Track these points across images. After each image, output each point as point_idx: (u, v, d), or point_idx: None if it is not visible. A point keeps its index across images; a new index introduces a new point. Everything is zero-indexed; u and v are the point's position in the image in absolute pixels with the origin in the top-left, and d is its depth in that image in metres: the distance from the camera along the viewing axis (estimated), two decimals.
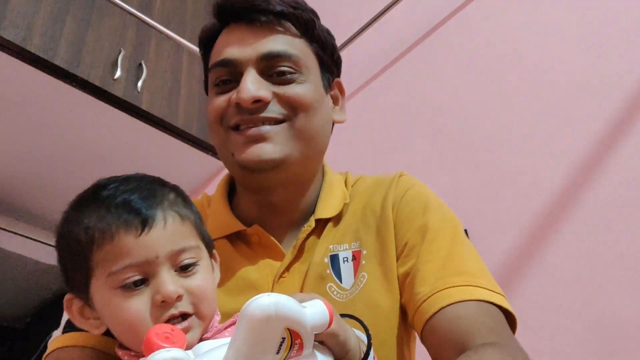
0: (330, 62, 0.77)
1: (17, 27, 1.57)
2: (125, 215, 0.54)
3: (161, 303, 0.52)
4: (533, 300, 1.18)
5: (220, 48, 0.72)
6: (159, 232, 0.55)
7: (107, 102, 1.76)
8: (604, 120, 1.24)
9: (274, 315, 0.39)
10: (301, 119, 0.69)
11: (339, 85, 0.81)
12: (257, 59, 0.69)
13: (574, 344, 1.10)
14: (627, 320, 1.06)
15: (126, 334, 0.55)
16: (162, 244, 0.54)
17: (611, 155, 1.20)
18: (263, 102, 0.68)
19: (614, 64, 1.27)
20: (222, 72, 0.71)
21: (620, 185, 1.16)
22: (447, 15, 1.69)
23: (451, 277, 0.63)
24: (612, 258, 1.12)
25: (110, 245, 0.54)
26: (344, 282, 0.69)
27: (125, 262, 0.53)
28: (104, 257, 0.54)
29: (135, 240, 0.53)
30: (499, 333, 0.59)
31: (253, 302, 0.40)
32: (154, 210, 0.55)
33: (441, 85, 1.61)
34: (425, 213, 0.71)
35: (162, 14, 2.05)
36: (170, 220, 0.56)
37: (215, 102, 0.71)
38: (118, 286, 0.53)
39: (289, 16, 0.72)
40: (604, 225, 1.15)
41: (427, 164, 1.52)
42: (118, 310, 0.53)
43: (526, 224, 1.26)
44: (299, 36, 0.73)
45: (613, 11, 1.32)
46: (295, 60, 0.71)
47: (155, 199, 0.57)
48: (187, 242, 0.57)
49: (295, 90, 0.70)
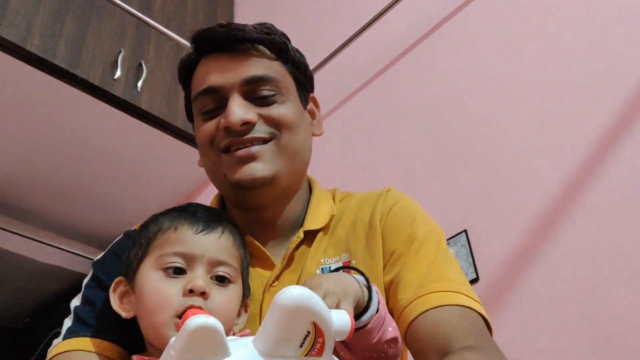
0: (304, 80, 0.82)
1: (17, 27, 1.57)
2: (193, 219, 0.65)
3: (188, 292, 0.59)
4: (533, 300, 1.18)
5: (203, 77, 0.77)
6: (214, 239, 0.64)
7: (107, 102, 1.76)
8: (604, 120, 1.24)
9: (305, 305, 0.42)
10: (285, 137, 0.74)
11: (314, 100, 0.86)
12: (240, 84, 0.74)
13: (574, 344, 1.10)
14: (628, 320, 1.06)
15: (150, 314, 0.61)
16: (212, 248, 0.63)
17: (611, 155, 1.20)
18: (250, 123, 0.72)
19: (614, 64, 1.27)
20: (207, 101, 0.76)
21: (621, 185, 1.16)
22: (447, 16, 1.69)
23: (432, 283, 0.67)
24: (612, 258, 1.12)
25: (173, 233, 0.64)
26: None
27: (177, 248, 0.62)
28: (163, 242, 0.63)
29: (193, 235, 0.63)
30: (477, 336, 0.62)
31: (285, 291, 0.42)
32: (215, 223, 0.66)
33: (441, 85, 1.61)
34: (413, 224, 0.75)
35: (162, 14, 2.06)
36: (226, 236, 0.66)
37: (204, 128, 0.75)
38: (162, 267, 0.62)
39: (264, 42, 0.77)
40: (604, 225, 1.15)
41: (427, 164, 1.52)
42: (153, 289, 0.61)
43: (526, 224, 1.26)
44: (274, 59, 0.78)
45: (613, 11, 1.32)
46: (275, 82, 0.76)
47: (219, 219, 0.68)
48: (230, 260, 0.65)
49: (278, 111, 0.74)
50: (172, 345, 0.41)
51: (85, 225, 2.31)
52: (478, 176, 1.40)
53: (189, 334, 0.40)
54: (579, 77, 1.32)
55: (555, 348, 1.12)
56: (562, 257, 1.18)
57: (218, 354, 0.42)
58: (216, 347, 0.42)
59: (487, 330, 0.66)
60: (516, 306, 1.20)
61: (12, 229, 2.09)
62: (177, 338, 0.41)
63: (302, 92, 0.81)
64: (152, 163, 2.06)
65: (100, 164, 2.01)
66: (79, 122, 1.84)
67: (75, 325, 0.67)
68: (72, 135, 1.89)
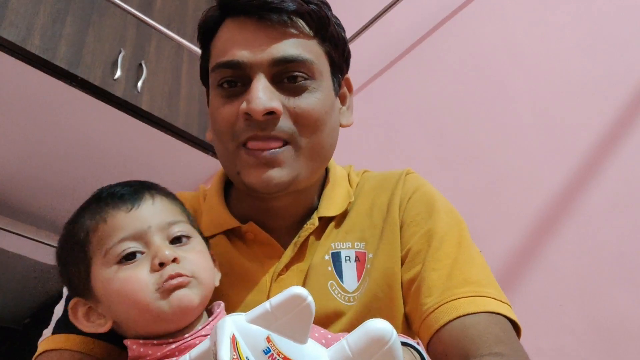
0: (341, 60, 0.73)
1: (17, 27, 1.57)
2: (114, 200, 0.59)
3: (159, 266, 0.55)
4: (534, 300, 1.18)
5: (226, 45, 0.66)
6: (149, 207, 0.59)
7: (107, 102, 1.76)
8: (604, 120, 1.24)
9: (391, 342, 0.39)
10: (309, 137, 0.66)
11: (347, 82, 0.77)
12: (268, 63, 0.64)
13: (575, 344, 1.10)
14: (628, 319, 1.06)
15: (131, 309, 0.56)
16: (153, 216, 0.59)
17: (612, 155, 1.20)
18: (275, 114, 0.63)
19: (614, 64, 1.27)
20: (228, 74, 0.66)
21: (621, 184, 1.16)
22: (447, 16, 1.69)
23: (458, 288, 0.63)
24: (613, 257, 1.12)
25: (104, 226, 0.58)
26: (345, 282, 0.68)
27: (119, 235, 0.57)
28: (100, 240, 0.57)
29: (126, 214, 0.58)
30: (506, 343, 0.58)
31: (381, 321, 0.40)
32: (140, 194, 0.60)
33: (441, 85, 1.61)
34: (432, 217, 0.70)
35: (163, 14, 2.05)
36: (159, 200, 0.61)
37: (223, 113, 0.66)
38: (115, 261, 0.56)
39: (302, 15, 0.66)
40: (605, 224, 1.15)
41: (427, 163, 1.52)
42: (120, 285, 0.55)
43: (526, 224, 1.26)
44: (311, 36, 0.67)
45: (613, 11, 1.32)
46: (309, 65, 0.65)
47: (143, 189, 0.62)
48: (177, 217, 0.61)
49: (306, 103, 0.65)
50: (269, 300, 0.41)
51: None
52: (478, 176, 1.40)
53: (288, 296, 0.40)
54: (579, 76, 1.32)
55: (555, 348, 1.11)
56: (563, 257, 1.18)
57: (298, 335, 0.41)
58: (300, 326, 0.40)
59: (516, 334, 0.62)
60: (516, 306, 1.19)
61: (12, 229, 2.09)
62: (277, 296, 0.40)
63: (336, 75, 0.72)
64: (152, 163, 2.06)
65: (101, 164, 2.00)
66: (79, 122, 1.84)
67: (64, 317, 0.65)
68: (72, 135, 1.89)
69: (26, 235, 2.13)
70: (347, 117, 0.76)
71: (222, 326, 0.40)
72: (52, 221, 2.25)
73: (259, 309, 0.41)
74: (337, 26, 0.72)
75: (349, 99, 0.78)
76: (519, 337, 0.63)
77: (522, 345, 0.61)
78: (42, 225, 2.23)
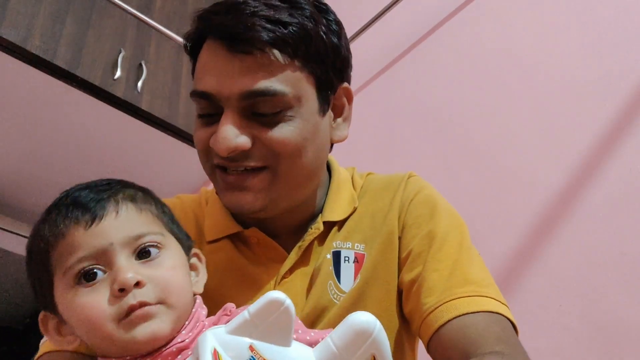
0: (330, 75, 0.68)
1: (17, 27, 1.57)
2: (74, 212, 0.53)
3: (119, 292, 0.50)
4: (533, 300, 1.18)
5: (201, 72, 0.65)
6: (111, 221, 0.53)
7: (107, 103, 1.76)
8: (604, 120, 1.24)
9: (375, 333, 0.40)
10: (286, 165, 0.64)
11: (346, 92, 0.73)
12: (237, 97, 0.61)
13: (574, 344, 1.10)
14: (628, 320, 1.05)
15: (91, 335, 0.52)
16: (115, 231, 0.52)
17: (611, 155, 1.20)
18: (242, 150, 0.62)
19: (614, 64, 1.27)
20: (203, 104, 0.65)
21: (621, 184, 1.16)
22: (447, 16, 1.69)
23: (458, 288, 0.63)
24: (612, 258, 1.12)
25: (63, 242, 0.52)
26: (342, 282, 0.69)
27: (78, 255, 0.51)
28: (59, 257, 0.52)
29: (85, 232, 0.52)
30: (506, 342, 0.58)
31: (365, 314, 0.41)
32: (103, 203, 0.54)
33: (441, 85, 1.61)
34: (433, 219, 0.70)
35: (163, 14, 2.05)
36: (124, 210, 0.54)
37: (197, 137, 0.67)
38: (75, 283, 0.51)
39: (276, 44, 0.62)
40: (605, 224, 1.15)
41: (427, 163, 1.52)
42: (79, 309, 0.51)
43: (526, 224, 1.26)
44: (289, 63, 0.63)
45: (613, 11, 1.32)
46: (281, 97, 0.62)
47: (107, 192, 0.55)
48: (145, 228, 0.54)
49: (280, 134, 0.62)
50: (248, 309, 0.41)
51: None
52: (478, 176, 1.40)
53: (265, 303, 0.40)
54: (579, 76, 1.32)
55: (554, 348, 1.11)
56: (562, 258, 1.18)
57: (281, 339, 0.41)
58: (282, 330, 0.41)
59: (515, 334, 0.63)
60: (515, 306, 1.19)
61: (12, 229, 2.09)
62: (255, 303, 0.40)
63: (323, 92, 0.67)
64: (152, 163, 2.06)
65: (101, 164, 2.01)
66: (79, 123, 1.84)
67: None
68: (72, 136, 1.89)
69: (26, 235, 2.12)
70: (342, 131, 0.73)
71: (203, 341, 0.39)
72: None
73: (238, 318, 0.41)
74: (326, 36, 0.66)
75: (346, 110, 0.73)
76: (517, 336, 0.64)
77: (521, 344, 0.61)
78: None
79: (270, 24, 0.62)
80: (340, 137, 0.72)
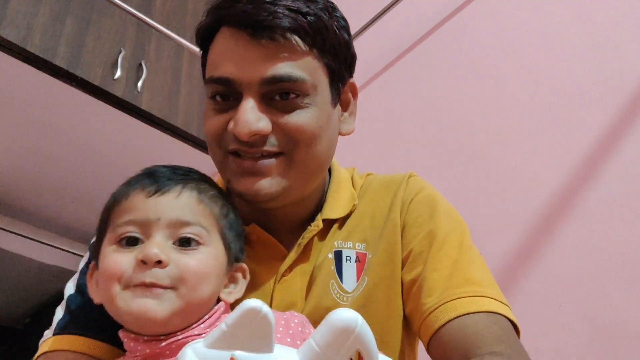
0: (342, 68, 0.70)
1: (17, 27, 1.57)
2: (145, 181, 0.58)
3: (140, 263, 0.52)
4: (533, 300, 1.18)
5: (219, 59, 0.66)
6: (169, 200, 0.56)
7: (107, 102, 1.76)
8: (604, 120, 1.24)
9: (357, 330, 0.39)
10: (302, 151, 0.65)
11: (352, 87, 0.74)
12: (258, 82, 0.63)
13: (575, 344, 1.10)
14: (628, 320, 1.06)
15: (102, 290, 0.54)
16: (168, 209, 0.55)
17: (611, 155, 1.20)
18: (262, 135, 0.63)
19: (614, 64, 1.27)
20: (219, 89, 0.65)
21: (621, 184, 1.16)
22: (447, 16, 1.69)
23: (458, 288, 0.63)
24: (612, 258, 1.12)
25: (125, 202, 0.57)
26: (344, 282, 0.69)
27: (129, 216, 0.55)
28: (117, 214, 0.57)
29: (145, 199, 0.56)
30: (506, 342, 0.58)
31: (346, 311, 0.40)
32: (172, 182, 0.58)
33: (440, 85, 1.61)
34: (433, 218, 0.70)
35: (162, 14, 2.05)
36: (186, 195, 0.57)
37: (211, 123, 0.66)
38: (116, 240, 0.55)
39: (297, 31, 0.63)
40: (605, 224, 1.15)
41: (426, 164, 1.52)
42: (106, 263, 0.54)
43: (526, 224, 1.26)
44: (307, 51, 0.65)
45: (613, 11, 1.32)
46: (301, 84, 0.63)
47: (182, 176, 0.59)
48: (196, 219, 0.56)
49: (298, 120, 0.64)
50: (225, 320, 0.41)
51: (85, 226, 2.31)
52: (478, 176, 1.40)
53: (242, 312, 0.39)
54: (579, 77, 1.32)
55: (555, 348, 1.11)
56: (562, 257, 1.18)
57: (262, 347, 0.41)
58: (262, 338, 0.40)
59: (516, 335, 0.62)
60: (516, 306, 1.19)
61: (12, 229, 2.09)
62: (231, 314, 0.40)
63: (335, 84, 0.69)
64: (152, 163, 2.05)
65: (101, 164, 2.01)
66: (79, 122, 1.84)
67: (65, 319, 0.65)
68: (72, 135, 1.89)
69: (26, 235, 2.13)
70: (349, 124, 0.74)
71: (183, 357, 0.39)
72: (52, 221, 2.25)
73: (216, 331, 0.41)
74: (339, 31, 0.69)
75: (352, 105, 0.75)
76: (519, 337, 0.64)
77: (522, 345, 0.61)
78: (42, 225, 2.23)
79: (291, 12, 0.63)
80: (347, 130, 0.74)
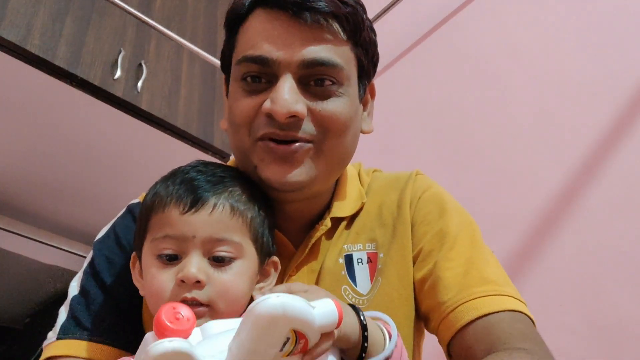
0: (369, 66, 0.71)
1: (17, 27, 1.57)
2: (182, 191, 0.59)
3: (180, 282, 0.55)
4: (534, 300, 1.18)
5: (256, 38, 0.63)
6: (204, 216, 0.57)
7: (107, 102, 1.76)
8: (604, 120, 1.24)
9: (281, 317, 0.40)
10: (332, 141, 0.64)
11: (371, 88, 0.75)
12: (298, 64, 0.62)
13: (575, 344, 1.10)
14: (629, 319, 1.05)
15: (151, 303, 0.59)
16: (203, 227, 0.57)
17: (612, 155, 1.20)
18: (298, 117, 0.61)
19: (614, 64, 1.27)
20: (254, 68, 0.63)
21: (621, 184, 1.16)
22: (447, 16, 1.69)
23: (476, 287, 0.63)
24: (613, 257, 1.12)
25: (161, 213, 0.59)
26: (359, 285, 0.68)
27: (165, 231, 0.58)
28: (154, 224, 0.59)
29: (179, 215, 0.57)
30: (531, 339, 0.59)
31: (262, 301, 0.40)
32: (208, 194, 0.59)
33: (441, 85, 1.61)
34: (443, 217, 0.70)
35: (162, 14, 2.05)
36: (220, 210, 0.58)
37: (242, 104, 0.64)
38: (156, 254, 0.58)
39: (338, 17, 0.63)
40: (605, 224, 1.15)
41: (427, 163, 1.52)
42: (150, 278, 0.58)
43: (526, 224, 1.26)
44: (344, 41, 0.65)
45: (613, 11, 1.32)
46: (339, 71, 0.63)
47: (218, 185, 0.60)
48: (229, 235, 0.58)
49: (332, 107, 0.63)
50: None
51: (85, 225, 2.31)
52: (478, 176, 1.40)
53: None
54: (579, 76, 1.32)
55: (555, 348, 1.11)
56: (562, 257, 1.18)
57: None
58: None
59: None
60: None
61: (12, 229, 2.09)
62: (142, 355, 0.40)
63: (363, 81, 0.70)
64: (152, 163, 2.05)
65: (101, 164, 2.00)
66: (79, 122, 1.84)
67: (69, 322, 0.65)
68: (72, 136, 1.89)
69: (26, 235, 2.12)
70: (368, 124, 0.74)
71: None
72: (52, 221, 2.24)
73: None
74: (370, 30, 0.70)
75: (370, 105, 0.76)
76: None
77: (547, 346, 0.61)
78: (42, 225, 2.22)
79: (333, 1, 0.63)
80: (367, 128, 0.74)
